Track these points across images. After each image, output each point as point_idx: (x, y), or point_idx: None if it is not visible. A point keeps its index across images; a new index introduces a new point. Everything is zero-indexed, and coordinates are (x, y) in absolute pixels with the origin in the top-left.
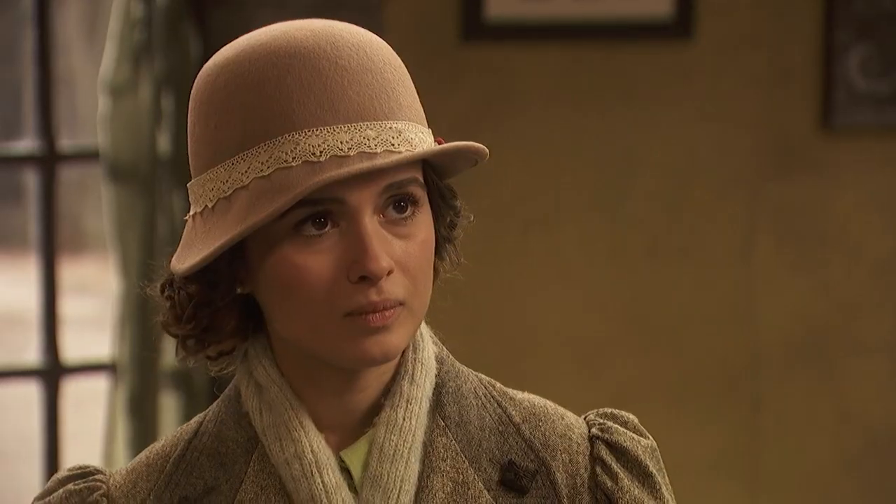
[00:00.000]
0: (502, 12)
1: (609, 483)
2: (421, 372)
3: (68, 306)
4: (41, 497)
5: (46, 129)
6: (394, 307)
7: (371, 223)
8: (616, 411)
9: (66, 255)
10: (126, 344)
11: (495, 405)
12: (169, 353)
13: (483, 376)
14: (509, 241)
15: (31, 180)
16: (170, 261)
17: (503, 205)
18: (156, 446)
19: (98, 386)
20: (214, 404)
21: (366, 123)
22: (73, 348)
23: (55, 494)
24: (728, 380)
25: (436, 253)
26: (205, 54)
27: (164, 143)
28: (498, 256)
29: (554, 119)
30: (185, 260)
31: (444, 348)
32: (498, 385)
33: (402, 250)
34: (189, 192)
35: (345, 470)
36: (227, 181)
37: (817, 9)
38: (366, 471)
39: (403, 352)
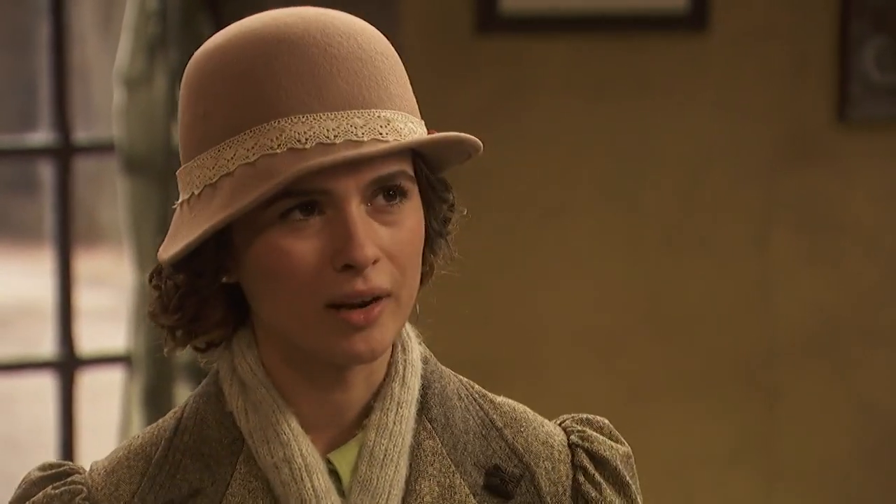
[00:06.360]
0: (517, 5)
1: (593, 493)
2: (411, 374)
3: (83, 298)
4: (18, 501)
5: (61, 120)
6: (379, 298)
7: (358, 211)
8: (591, 417)
9: (82, 248)
10: (141, 336)
11: (477, 408)
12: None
13: (462, 378)
14: (524, 234)
15: (46, 172)
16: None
17: (518, 197)
18: (134, 444)
19: (113, 378)
20: (191, 399)
21: (353, 111)
22: (89, 340)
23: (34, 499)
24: (744, 371)
25: (428, 247)
26: None
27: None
28: (512, 249)
29: (568, 111)
30: (169, 248)
31: (427, 348)
32: (477, 387)
33: (389, 238)
34: (178, 179)
35: (333, 473)
36: (213, 168)
37: (833, 1)
38: (355, 475)
39: (393, 352)
